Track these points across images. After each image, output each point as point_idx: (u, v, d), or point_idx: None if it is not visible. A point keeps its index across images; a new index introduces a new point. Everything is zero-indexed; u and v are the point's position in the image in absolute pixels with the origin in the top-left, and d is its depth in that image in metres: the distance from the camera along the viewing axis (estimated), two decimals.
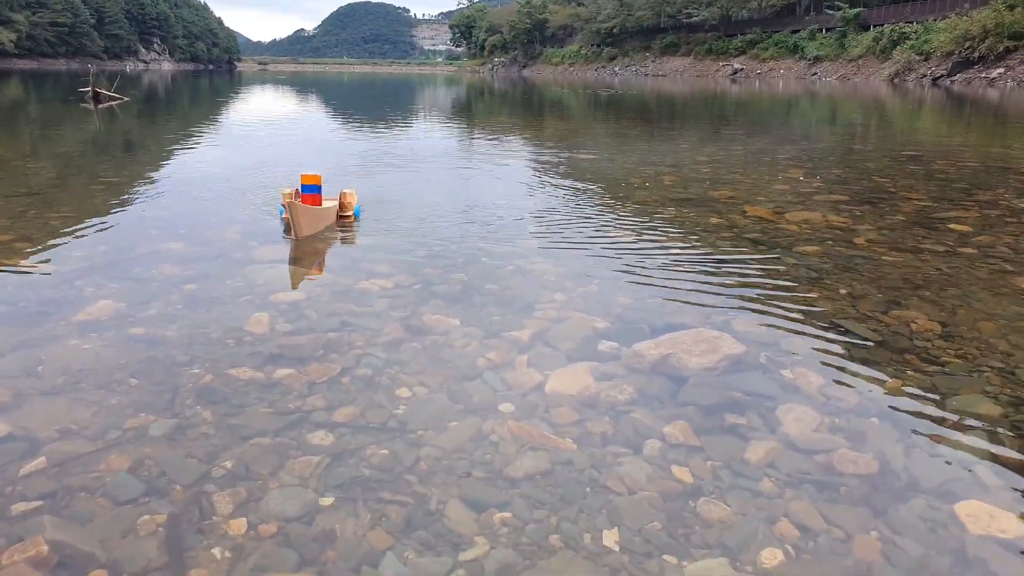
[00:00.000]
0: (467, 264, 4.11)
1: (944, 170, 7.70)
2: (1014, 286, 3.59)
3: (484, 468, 2.17)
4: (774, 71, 51.17)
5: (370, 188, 6.33)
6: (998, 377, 2.63)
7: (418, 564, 1.77)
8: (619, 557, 1.81)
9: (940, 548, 1.80)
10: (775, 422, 2.40)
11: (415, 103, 26.67)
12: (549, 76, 67.82)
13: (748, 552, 1.82)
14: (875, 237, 4.58)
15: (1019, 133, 12.71)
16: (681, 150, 9.90)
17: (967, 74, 30.25)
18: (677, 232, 4.82)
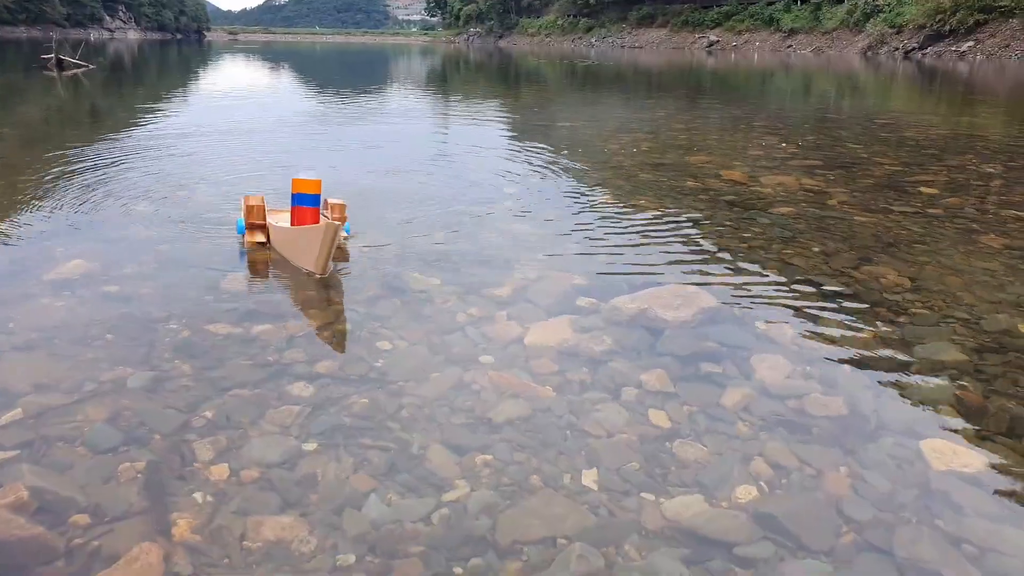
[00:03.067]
0: (446, 226, 4.11)
1: (914, 137, 7.81)
2: (980, 244, 3.68)
3: (465, 415, 2.20)
4: (749, 43, 51.15)
5: (347, 157, 6.28)
6: (963, 327, 2.70)
7: (401, 505, 1.80)
8: (598, 495, 1.85)
9: (906, 482, 1.86)
10: (749, 370, 2.45)
11: (391, 74, 26.34)
12: (525, 47, 67.21)
13: (723, 489, 1.86)
14: (847, 199, 4.65)
15: (987, 104, 12.88)
16: (658, 118, 9.91)
17: (938, 47, 30.49)
18: (654, 195, 4.84)
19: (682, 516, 1.76)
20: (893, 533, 1.67)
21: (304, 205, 3.47)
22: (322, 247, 3.12)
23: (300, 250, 3.31)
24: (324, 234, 3.10)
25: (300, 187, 3.47)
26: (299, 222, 3.45)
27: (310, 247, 3.20)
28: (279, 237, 3.55)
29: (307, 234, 3.24)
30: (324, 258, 3.16)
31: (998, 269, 3.29)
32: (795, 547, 1.65)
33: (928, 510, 1.75)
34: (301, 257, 3.30)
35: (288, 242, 3.45)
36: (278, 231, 3.56)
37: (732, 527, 1.72)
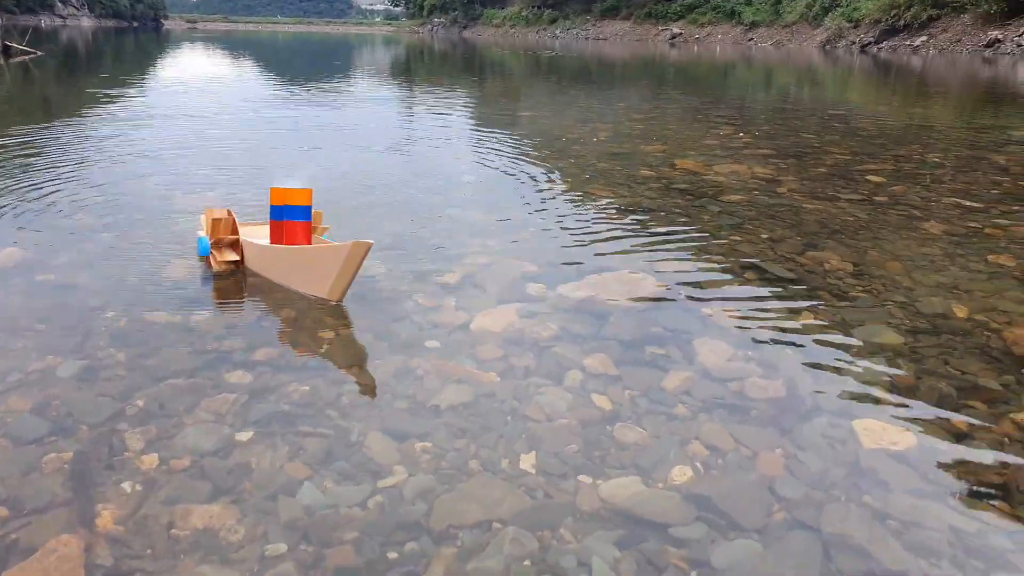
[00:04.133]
0: (399, 213, 4.08)
1: (866, 128, 7.95)
2: (921, 230, 3.75)
3: (407, 401, 2.18)
4: (712, 36, 51.62)
5: (304, 145, 6.20)
6: (900, 310, 2.75)
7: (336, 492, 1.78)
8: (536, 478, 1.85)
9: (837, 461, 1.89)
10: (692, 353, 2.47)
11: (355, 63, 26.05)
12: (490, 38, 67.00)
13: (660, 471, 1.87)
14: (797, 187, 4.71)
15: (937, 97, 13.15)
16: (618, 109, 9.94)
17: (893, 42, 31.07)
18: (608, 184, 4.86)
19: (618, 498, 1.77)
20: (822, 511, 1.69)
21: (293, 219, 2.99)
22: (344, 271, 2.69)
23: (301, 272, 2.87)
24: (350, 257, 2.64)
25: (287, 198, 2.97)
26: (289, 239, 3.00)
27: (322, 269, 2.76)
28: (260, 257, 3.06)
29: (317, 255, 2.81)
30: (346, 283, 2.74)
31: (937, 254, 3.37)
32: (727, 527, 1.67)
33: (857, 487, 1.78)
34: (302, 280, 2.87)
35: (275, 263, 2.99)
36: (256, 249, 3.07)
37: (667, 508, 1.73)
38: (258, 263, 3.07)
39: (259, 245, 3.07)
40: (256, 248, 3.08)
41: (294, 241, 3.00)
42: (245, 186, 4.64)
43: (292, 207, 3.00)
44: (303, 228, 3.01)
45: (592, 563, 1.57)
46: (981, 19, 26.73)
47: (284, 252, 2.96)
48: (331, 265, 2.73)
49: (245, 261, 3.13)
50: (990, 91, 13.98)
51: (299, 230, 3.01)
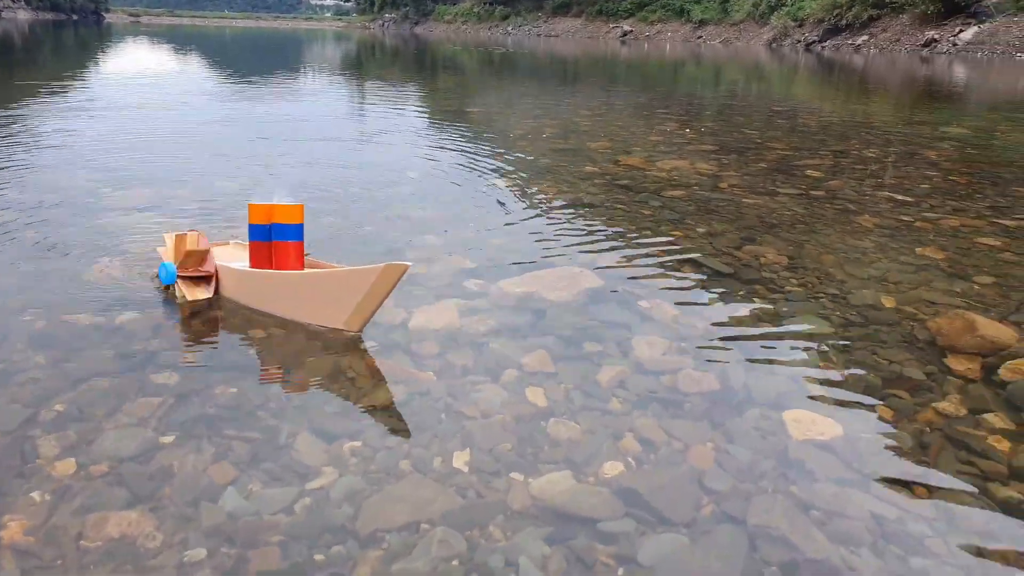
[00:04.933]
0: (342, 209, 4.02)
1: (807, 124, 8.11)
2: (855, 223, 3.84)
3: (339, 401, 2.14)
4: (662, 34, 52.19)
5: (248, 140, 6.07)
6: (832, 302, 2.81)
7: (261, 496, 1.73)
8: (467, 477, 1.83)
9: (767, 452, 1.91)
10: (628, 348, 2.47)
11: (305, 59, 25.65)
12: (442, 34, 66.68)
13: (592, 466, 1.87)
14: (737, 182, 4.78)
15: (876, 94, 13.50)
16: (565, 105, 9.98)
17: (836, 40, 31.83)
18: (552, 180, 4.86)
19: (549, 494, 1.76)
20: (749, 503, 1.71)
21: (285, 239, 2.61)
22: (369, 298, 2.39)
23: (311, 300, 2.54)
24: (379, 281, 2.33)
25: (273, 215, 2.59)
26: (279, 262, 2.63)
27: (341, 296, 2.45)
28: (249, 285, 2.68)
29: (337, 280, 2.46)
30: (370, 312, 2.43)
31: (869, 247, 3.44)
32: (656, 521, 1.67)
33: (784, 478, 1.80)
34: (311, 309, 2.54)
35: (275, 291, 2.61)
36: (243, 277, 2.69)
37: (597, 504, 1.73)
38: (245, 292, 2.68)
39: (250, 272, 2.66)
40: (243, 276, 2.68)
41: (285, 265, 2.62)
42: (178, 184, 4.51)
43: (281, 226, 2.60)
44: (296, 250, 2.62)
45: (520, 562, 1.55)
46: (919, 19, 27.55)
47: (291, 278, 2.57)
48: (354, 291, 2.40)
49: (221, 290, 2.73)
50: (926, 89, 14.40)
51: (291, 252, 2.62)
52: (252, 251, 2.67)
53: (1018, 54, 21.92)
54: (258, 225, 2.64)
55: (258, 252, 2.67)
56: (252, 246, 2.67)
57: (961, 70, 18.88)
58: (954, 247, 3.43)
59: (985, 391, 2.17)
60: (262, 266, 2.67)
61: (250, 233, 2.65)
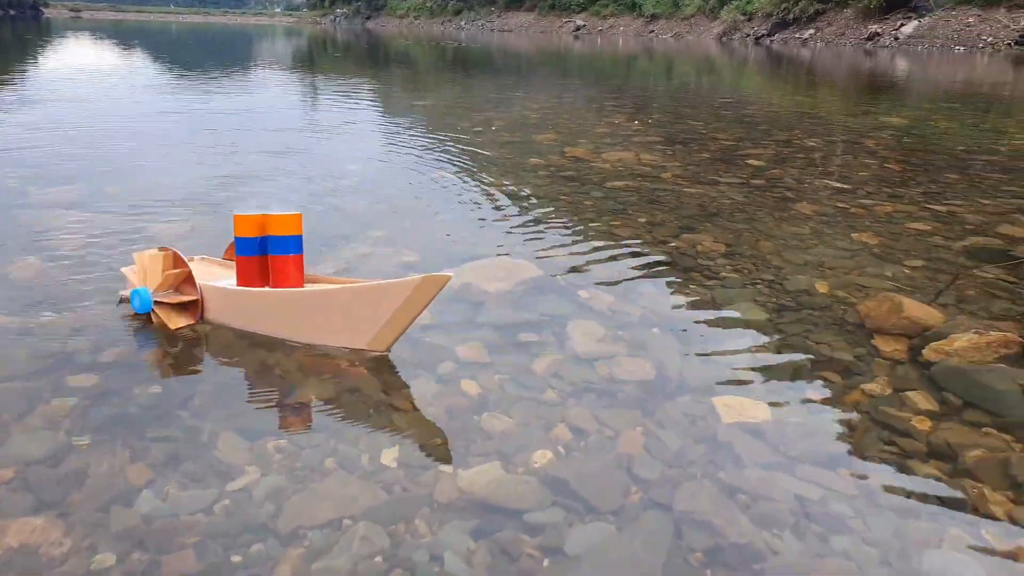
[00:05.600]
0: (280, 203, 3.90)
1: (752, 115, 8.22)
2: (793, 211, 3.89)
3: (265, 399, 2.09)
4: (614, 28, 52.47)
5: (190, 136, 5.92)
6: (767, 288, 2.83)
7: (179, 498, 1.67)
8: (395, 472, 1.79)
9: (696, 438, 1.91)
10: (564, 337, 2.46)
11: (255, 55, 25.18)
12: (394, 29, 66.08)
13: (522, 457, 1.85)
14: (680, 173, 4.81)
15: (821, 86, 13.76)
16: (515, 98, 9.95)
17: (784, 34, 32.37)
18: (496, 172, 4.83)
19: (477, 487, 1.73)
20: (676, 489, 1.70)
21: (283, 253, 2.35)
22: (402, 314, 2.19)
23: (329, 319, 2.30)
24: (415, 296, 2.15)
25: (268, 226, 2.35)
26: (278, 278, 2.38)
27: (369, 313, 2.23)
28: (243, 307, 2.42)
29: (366, 295, 2.23)
30: (401, 329, 2.24)
31: (806, 233, 3.49)
32: (584, 510, 1.65)
33: (712, 463, 1.80)
34: (328, 329, 2.31)
35: (283, 310, 2.36)
36: (234, 297, 2.43)
37: (525, 494, 1.71)
38: (244, 314, 2.42)
39: (254, 292, 2.40)
40: (243, 296, 2.41)
41: (284, 281, 2.37)
42: (114, 180, 4.37)
43: (279, 239, 2.34)
44: (296, 264, 2.38)
45: (444, 556, 1.53)
46: (862, 13, 28.16)
47: (309, 296, 2.31)
48: (384, 307, 2.20)
49: (207, 314, 2.46)
50: (869, 82, 14.72)
51: (290, 267, 2.37)
52: (241, 267, 2.40)
53: (956, 47, 22.55)
54: (247, 238, 2.37)
55: (247, 268, 2.40)
56: (241, 262, 2.40)
57: (902, 63, 19.35)
58: (887, 232, 3.49)
59: (910, 371, 2.20)
60: (253, 283, 2.41)
61: (237, 247, 2.39)
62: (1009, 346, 2.24)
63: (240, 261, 2.41)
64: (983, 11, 23.13)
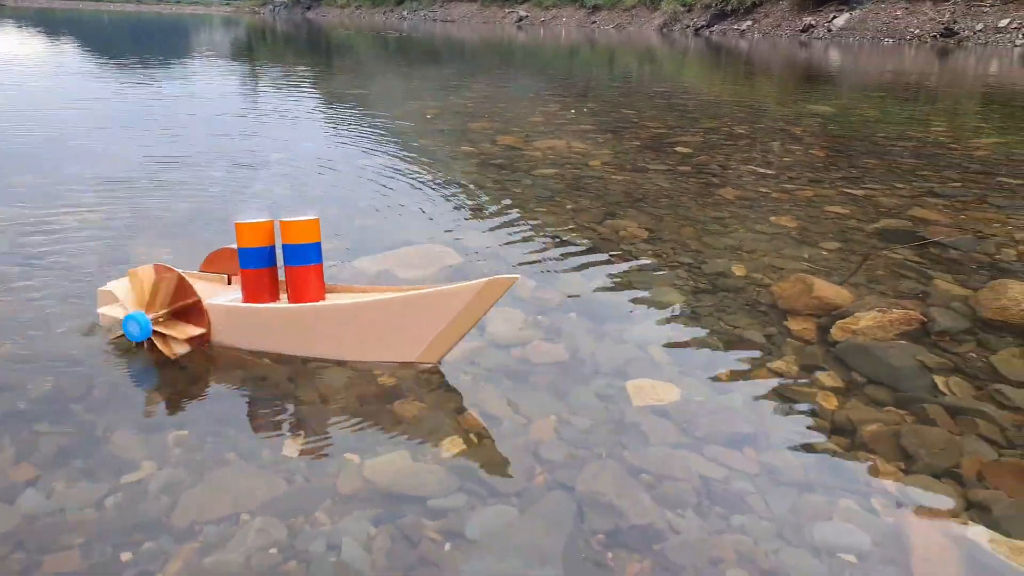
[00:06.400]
0: (198, 193, 3.82)
1: (685, 103, 8.32)
2: (716, 196, 3.94)
3: (168, 391, 2.02)
4: (557, 19, 52.57)
5: (107, 126, 5.70)
6: (686, 271, 2.86)
7: (65, 495, 1.60)
8: (298, 464, 1.74)
9: (606, 420, 1.91)
10: (482, 322, 2.43)
11: (191, 45, 24.45)
12: (335, 19, 64.94)
13: (430, 444, 1.82)
14: (609, 160, 4.83)
15: (755, 76, 14.02)
16: (451, 87, 9.88)
17: (722, 25, 32.88)
18: (426, 160, 4.79)
19: (381, 476, 1.70)
20: (581, 471, 1.70)
21: (303, 263, 2.15)
22: (460, 321, 2.04)
23: (373, 333, 2.12)
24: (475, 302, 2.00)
25: (288, 234, 2.12)
26: (297, 291, 2.17)
27: (422, 323, 2.07)
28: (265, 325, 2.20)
29: (421, 303, 2.05)
30: (457, 338, 2.10)
31: (728, 218, 3.53)
32: (487, 494, 1.64)
33: (619, 444, 1.80)
34: (370, 344, 2.14)
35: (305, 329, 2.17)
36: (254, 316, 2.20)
37: (429, 481, 1.68)
38: (266, 333, 2.19)
39: (281, 309, 2.18)
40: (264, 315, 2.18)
41: (305, 294, 2.17)
42: (24, 170, 4.19)
43: (297, 247, 2.13)
44: (317, 274, 2.18)
45: (342, 544, 1.49)
46: (797, 5, 28.77)
47: (351, 309, 2.11)
48: (440, 315, 2.04)
49: (215, 336, 2.22)
50: (801, 72, 15.05)
51: (312, 278, 2.17)
52: (248, 282, 2.19)
53: (885, 39, 23.24)
54: (254, 249, 2.15)
55: (256, 282, 2.19)
56: (247, 276, 2.18)
57: (835, 54, 19.84)
58: (806, 216, 3.57)
59: (818, 350, 2.24)
60: (263, 299, 2.21)
61: (242, 260, 2.17)
62: (910, 323, 2.30)
63: (247, 275, 2.18)
64: (910, 4, 23.88)
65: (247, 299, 2.23)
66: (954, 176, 4.40)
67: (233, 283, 2.42)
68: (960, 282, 2.70)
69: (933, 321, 2.34)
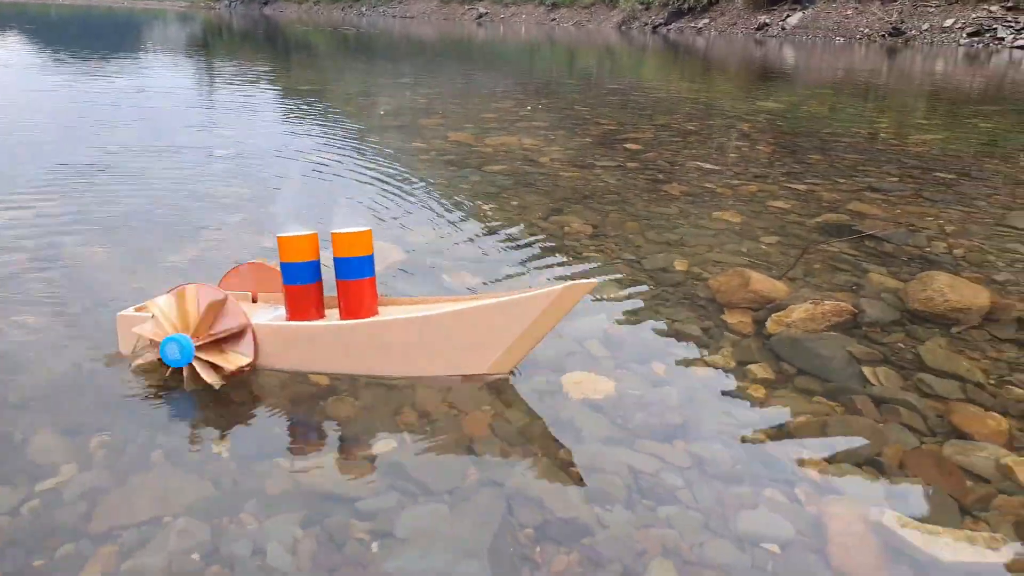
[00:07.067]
0: (138, 189, 3.74)
1: (638, 100, 8.37)
2: (662, 192, 3.97)
3: (93, 393, 1.97)
4: (516, 16, 52.53)
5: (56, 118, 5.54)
6: (627, 266, 2.87)
7: None
8: (227, 464, 1.71)
9: (541, 415, 1.91)
10: None
11: (144, 41, 23.90)
12: (293, 15, 63.98)
13: (362, 442, 1.81)
14: (560, 156, 4.84)
15: (709, 73, 14.17)
16: (406, 84, 9.82)
17: (680, 23, 33.19)
18: (374, 156, 4.74)
19: (312, 476, 1.68)
20: (513, 467, 1.70)
21: (357, 277, 2.06)
22: (534, 329, 1.97)
23: (444, 346, 2.02)
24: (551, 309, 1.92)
25: (340, 247, 2.06)
26: (350, 306, 2.09)
27: (493, 334, 1.99)
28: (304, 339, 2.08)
29: (492, 314, 1.96)
30: (529, 347, 2.03)
31: (673, 213, 3.56)
32: (419, 492, 1.63)
33: (553, 439, 1.80)
34: (439, 358, 2.04)
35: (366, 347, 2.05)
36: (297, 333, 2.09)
37: (360, 481, 1.66)
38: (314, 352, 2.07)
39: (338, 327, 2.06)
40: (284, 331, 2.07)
41: (360, 309, 2.09)
42: None
43: (350, 260, 2.05)
44: (371, 288, 2.11)
45: (267, 547, 1.47)
46: (752, 4, 29.16)
47: (417, 324, 2.00)
48: (513, 324, 1.96)
49: (262, 359, 2.08)
50: (754, 69, 15.26)
51: (366, 292, 2.09)
52: (293, 298, 2.10)
53: (837, 38, 23.69)
54: (298, 263, 2.07)
55: (303, 298, 2.10)
56: (292, 292, 2.09)
57: (789, 52, 20.16)
58: (749, 211, 3.61)
59: (753, 343, 2.27)
60: (309, 315, 2.12)
61: (286, 275, 2.09)
62: (841, 314, 2.35)
63: (292, 292, 2.09)
64: (860, 4, 24.37)
65: (293, 317, 2.12)
66: (893, 171, 4.49)
67: (259, 301, 2.31)
68: (892, 274, 2.76)
69: (863, 313, 2.39)
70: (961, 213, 3.58)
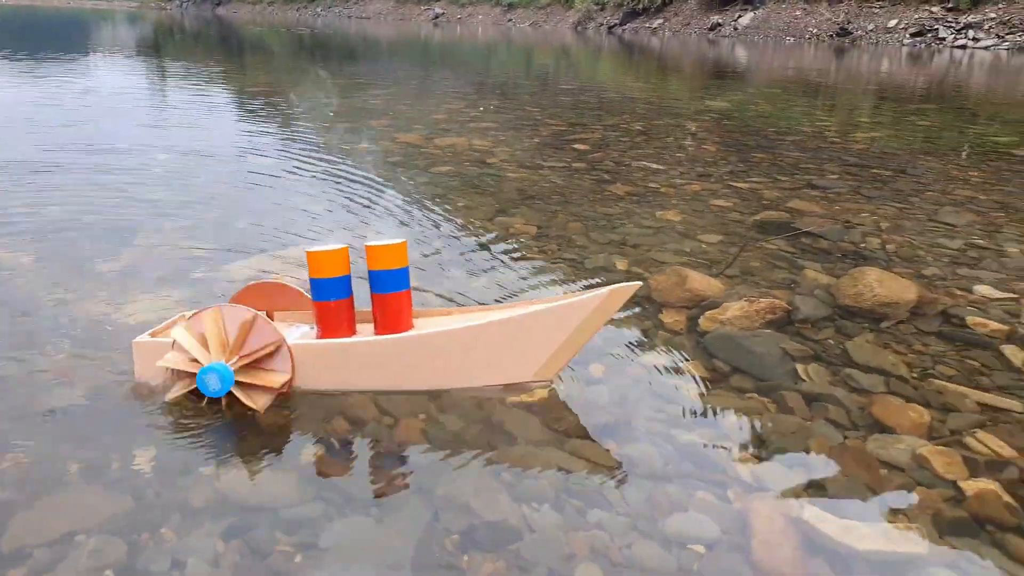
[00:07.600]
0: (70, 195, 3.63)
1: (588, 101, 8.42)
2: (607, 192, 3.99)
3: (13, 408, 1.90)
4: (473, 16, 52.50)
5: None
6: (569, 266, 2.88)
7: None
8: (148, 478, 1.66)
9: (476, 419, 1.89)
10: None
11: (91, 42, 23.30)
12: (247, 16, 63.05)
13: (292, 454, 1.77)
14: (507, 157, 4.83)
15: (661, 73, 14.32)
16: (357, 84, 9.73)
17: (635, 24, 33.50)
18: (318, 158, 4.69)
19: (238, 487, 1.64)
20: (442, 473, 1.68)
21: (394, 291, 2.00)
22: (580, 334, 1.94)
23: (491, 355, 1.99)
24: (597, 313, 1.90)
25: (377, 260, 2.00)
26: (387, 321, 2.03)
27: (539, 341, 1.96)
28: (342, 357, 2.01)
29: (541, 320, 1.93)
30: (574, 352, 1.99)
31: (616, 213, 3.58)
32: (344, 502, 1.60)
33: (487, 444, 1.79)
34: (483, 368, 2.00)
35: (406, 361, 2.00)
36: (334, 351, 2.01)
37: (284, 492, 1.63)
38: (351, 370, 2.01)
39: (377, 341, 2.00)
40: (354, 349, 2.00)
41: (396, 323, 2.02)
42: None
43: (387, 273, 1.99)
44: (407, 301, 2.04)
45: (188, 561, 1.43)
46: (705, 4, 29.56)
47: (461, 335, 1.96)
48: (557, 330, 1.93)
49: (298, 381, 1.99)
50: (706, 69, 15.46)
51: (403, 305, 2.03)
52: (324, 315, 2.02)
53: (787, 38, 24.13)
54: (328, 279, 2.00)
55: (335, 315, 2.02)
56: (323, 309, 2.01)
57: (741, 52, 20.47)
58: (691, 210, 3.64)
59: (687, 341, 2.29)
60: (341, 332, 2.04)
61: (316, 291, 2.01)
62: (775, 311, 2.38)
63: (324, 308, 2.02)
64: (808, 4, 24.86)
65: (324, 334, 2.04)
66: (833, 169, 4.58)
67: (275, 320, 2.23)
68: (826, 270, 2.81)
69: (797, 309, 2.42)
70: (895, 209, 3.66)
